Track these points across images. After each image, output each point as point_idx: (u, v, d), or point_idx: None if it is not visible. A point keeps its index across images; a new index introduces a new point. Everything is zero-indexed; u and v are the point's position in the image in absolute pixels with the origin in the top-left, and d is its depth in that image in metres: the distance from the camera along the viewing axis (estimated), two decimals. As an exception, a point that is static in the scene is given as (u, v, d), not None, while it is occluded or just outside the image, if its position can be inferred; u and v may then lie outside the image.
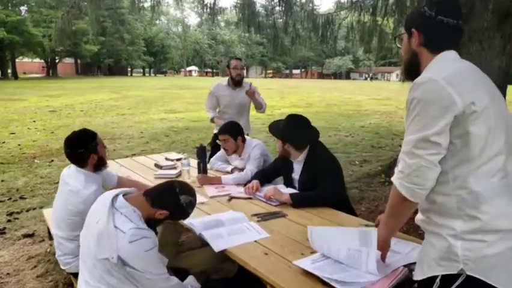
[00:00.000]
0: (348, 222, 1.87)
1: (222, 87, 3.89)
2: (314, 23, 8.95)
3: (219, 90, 3.87)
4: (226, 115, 3.81)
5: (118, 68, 55.77)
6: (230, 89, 3.84)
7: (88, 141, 2.04)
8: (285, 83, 41.40)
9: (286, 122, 2.37)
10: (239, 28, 8.98)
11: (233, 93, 3.82)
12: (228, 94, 3.84)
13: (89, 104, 14.14)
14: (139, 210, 1.52)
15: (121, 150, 6.72)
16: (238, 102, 3.82)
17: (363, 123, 10.35)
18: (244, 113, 3.94)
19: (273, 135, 2.51)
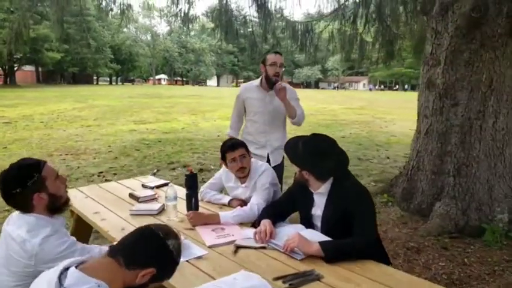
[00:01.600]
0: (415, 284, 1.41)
1: (252, 89, 3.03)
2: (293, 31, 8.58)
3: (248, 92, 3.03)
4: (255, 126, 2.99)
5: (83, 76, 53.70)
6: (263, 92, 2.96)
7: (27, 177, 1.44)
8: (256, 92, 41.11)
9: (308, 144, 1.81)
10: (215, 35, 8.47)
11: (266, 97, 2.94)
12: (259, 97, 2.96)
13: (50, 115, 13.11)
14: (108, 282, 0.97)
15: (86, 168, 6.00)
16: (272, 108, 2.94)
17: (343, 134, 10.02)
18: (280, 125, 3.05)
19: (290, 160, 1.91)
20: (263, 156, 2.99)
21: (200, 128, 10.87)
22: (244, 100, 3.06)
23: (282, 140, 3.04)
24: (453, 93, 3.36)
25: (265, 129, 2.99)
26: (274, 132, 3.01)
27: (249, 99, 3.03)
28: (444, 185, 3.43)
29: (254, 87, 3.04)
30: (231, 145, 2.35)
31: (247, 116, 3.09)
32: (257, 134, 3.00)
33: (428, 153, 3.57)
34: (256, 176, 2.34)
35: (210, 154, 7.18)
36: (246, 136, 3.06)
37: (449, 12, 3.31)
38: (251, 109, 3.03)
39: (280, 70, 2.89)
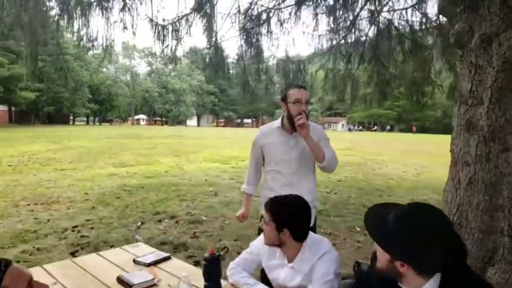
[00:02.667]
0: None
1: (271, 132, 2.48)
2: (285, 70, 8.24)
3: (267, 137, 2.48)
4: (279, 177, 2.43)
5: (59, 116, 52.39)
6: (285, 135, 2.42)
7: None
8: (238, 132, 40.75)
9: (409, 220, 1.21)
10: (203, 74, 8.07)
11: (290, 141, 2.41)
12: (281, 142, 2.43)
13: (20, 157, 12.13)
14: None
15: (58, 221, 5.19)
16: (298, 154, 2.40)
17: (339, 177, 9.50)
18: (310, 173, 2.49)
19: (372, 237, 1.29)
20: None
21: (185, 171, 10.15)
22: (263, 147, 2.52)
23: (313, 193, 2.50)
24: (502, 136, 2.86)
25: (292, 180, 2.41)
26: (303, 184, 2.43)
27: (269, 145, 2.49)
28: (498, 246, 2.85)
29: (274, 129, 2.52)
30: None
31: (267, 166, 2.52)
32: (281, 188, 2.39)
33: (473, 207, 3.01)
34: (314, 258, 1.68)
35: (200, 202, 6.47)
36: (267, 192, 2.45)
37: (494, 44, 2.87)
38: (272, 157, 2.48)
39: (306, 108, 2.38)
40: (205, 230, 5.03)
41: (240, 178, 9.05)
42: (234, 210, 5.90)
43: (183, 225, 5.23)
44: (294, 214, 1.70)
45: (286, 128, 2.44)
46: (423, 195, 7.50)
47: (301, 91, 2.41)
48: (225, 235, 4.82)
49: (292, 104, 2.36)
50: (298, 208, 1.73)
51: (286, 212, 1.69)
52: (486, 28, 2.93)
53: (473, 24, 3.05)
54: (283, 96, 2.46)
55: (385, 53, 8.01)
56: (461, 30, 3.13)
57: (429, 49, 7.72)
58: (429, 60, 7.83)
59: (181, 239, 4.64)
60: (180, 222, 5.36)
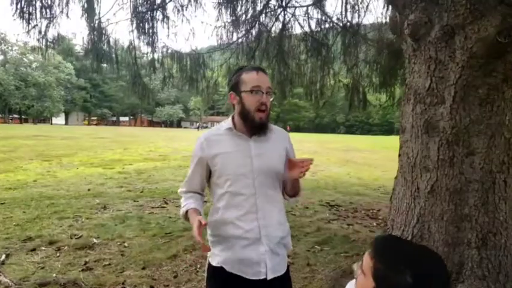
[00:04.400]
0: None
1: (220, 138, 1.70)
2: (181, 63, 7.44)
3: (215, 145, 1.69)
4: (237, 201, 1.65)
5: None
6: (239, 139, 1.69)
7: None
8: (116, 131, 37.70)
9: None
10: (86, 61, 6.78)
11: (250, 147, 1.67)
12: (236, 150, 1.67)
13: None
14: None
15: None
16: (265, 165, 1.67)
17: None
18: (276, 196, 1.74)
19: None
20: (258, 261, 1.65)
21: (60, 179, 8.47)
22: (211, 160, 1.68)
23: (284, 224, 1.77)
24: (467, 139, 2.61)
25: (256, 205, 1.66)
26: (271, 211, 1.70)
27: (220, 156, 1.67)
28: (465, 260, 2.59)
29: (224, 133, 1.71)
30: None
31: (218, 189, 1.70)
32: (242, 218, 1.66)
33: (437, 217, 2.71)
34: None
35: (86, 219, 5.24)
36: (221, 227, 1.70)
37: (458, 37, 2.59)
38: (226, 172, 1.66)
39: (268, 100, 1.65)
40: (99, 257, 3.95)
41: (129, 185, 7.88)
42: (132, 228, 4.88)
43: (68, 253, 4.05)
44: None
45: (240, 129, 1.69)
46: (329, 195, 7.47)
47: (260, 75, 1.65)
48: (128, 263, 3.84)
49: (249, 93, 1.63)
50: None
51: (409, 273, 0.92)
52: (449, 19, 2.63)
53: (432, 14, 2.75)
54: (233, 83, 1.69)
55: (288, 51, 7.78)
56: (418, 20, 2.80)
57: (330, 49, 7.71)
58: (329, 60, 7.83)
59: (69, 275, 3.52)
60: (63, 249, 4.16)
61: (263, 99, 1.63)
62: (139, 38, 6.70)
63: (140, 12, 6.60)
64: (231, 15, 7.14)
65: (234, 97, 1.69)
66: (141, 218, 5.33)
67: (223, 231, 1.69)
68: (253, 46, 7.60)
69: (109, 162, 11.76)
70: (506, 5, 2.46)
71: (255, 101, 1.63)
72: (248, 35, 7.61)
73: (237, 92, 1.68)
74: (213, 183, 1.73)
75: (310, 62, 7.99)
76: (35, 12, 5.61)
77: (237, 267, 1.66)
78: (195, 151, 1.75)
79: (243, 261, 1.65)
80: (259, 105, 1.62)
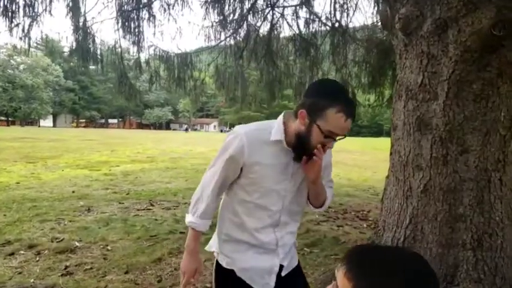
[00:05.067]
0: None
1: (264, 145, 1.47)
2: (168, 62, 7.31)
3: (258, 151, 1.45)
4: (261, 215, 1.51)
5: None
6: (285, 155, 1.48)
7: None
8: (104, 133, 37.25)
9: None
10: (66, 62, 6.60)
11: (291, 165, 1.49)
12: (277, 164, 1.47)
13: None
14: None
15: None
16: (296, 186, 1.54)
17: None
18: (300, 214, 1.66)
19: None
20: (269, 272, 1.55)
21: (44, 181, 8.23)
22: (249, 165, 1.47)
23: (295, 234, 1.67)
24: (461, 136, 2.52)
25: (280, 220, 1.55)
26: (290, 225, 1.60)
27: (259, 165, 1.46)
28: (460, 262, 2.50)
29: (270, 143, 1.47)
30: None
31: (245, 194, 1.53)
32: (261, 230, 1.53)
33: (430, 218, 2.62)
34: None
35: (69, 222, 5.06)
36: (235, 233, 1.57)
37: (451, 30, 2.50)
38: (261, 184, 1.49)
39: (333, 145, 1.46)
40: (81, 261, 3.79)
41: (115, 187, 7.68)
42: (116, 231, 4.72)
43: (48, 257, 3.88)
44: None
45: (288, 143, 1.47)
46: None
47: (348, 123, 1.38)
48: (111, 267, 3.67)
49: (322, 133, 1.38)
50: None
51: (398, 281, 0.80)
52: (442, 12, 2.54)
53: (424, 8, 2.66)
54: (315, 106, 1.38)
55: (277, 51, 7.69)
56: (409, 14, 2.71)
57: (319, 49, 7.64)
58: (318, 60, 7.75)
59: (47, 280, 3.35)
60: (43, 253, 3.98)
61: (329, 145, 1.44)
62: (125, 37, 6.56)
63: (126, 11, 6.46)
64: (219, 14, 7.03)
65: (304, 118, 1.40)
66: (126, 221, 5.16)
67: (238, 235, 1.57)
68: (242, 46, 7.49)
69: (95, 164, 11.52)
70: (500, -3, 2.38)
71: (320, 141, 1.40)
72: (236, 34, 7.50)
73: (311, 117, 1.38)
74: (239, 186, 1.54)
75: (299, 63, 7.91)
76: (18, 10, 5.44)
77: (247, 274, 1.55)
78: (233, 150, 1.47)
79: (254, 269, 1.55)
80: (322, 146, 1.42)
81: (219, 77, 7.74)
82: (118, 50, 6.67)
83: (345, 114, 1.35)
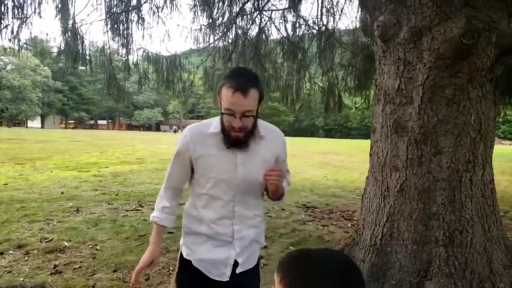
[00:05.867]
0: None
1: (207, 138, 1.58)
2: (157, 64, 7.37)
3: (201, 144, 1.57)
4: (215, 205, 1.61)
5: None
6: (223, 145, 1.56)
7: None
8: (93, 134, 37.00)
9: None
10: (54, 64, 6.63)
11: (232, 155, 1.56)
12: (221, 155, 1.57)
13: None
14: None
15: None
16: (244, 175, 1.59)
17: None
18: (258, 202, 1.71)
19: None
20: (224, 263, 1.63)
21: (33, 182, 8.23)
22: (196, 158, 1.58)
23: (260, 228, 1.73)
24: (434, 138, 2.66)
25: (234, 211, 1.62)
26: (248, 216, 1.67)
27: (205, 157, 1.57)
28: (433, 258, 2.63)
29: (210, 135, 1.58)
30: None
31: (198, 187, 1.64)
32: (216, 221, 1.62)
33: (406, 216, 2.75)
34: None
35: (58, 222, 5.10)
36: (194, 226, 1.67)
37: (425, 38, 2.64)
38: (209, 175, 1.59)
39: (243, 122, 1.48)
40: (70, 260, 3.84)
41: (104, 189, 7.72)
42: (105, 231, 4.78)
43: (37, 256, 3.92)
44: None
45: (223, 138, 1.57)
46: (305, 197, 7.50)
47: (236, 97, 1.43)
48: (99, 266, 3.74)
49: (224, 110, 1.48)
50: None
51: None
52: (416, 21, 2.69)
53: (401, 16, 2.80)
54: (218, 90, 1.54)
55: (265, 54, 7.80)
56: (387, 22, 2.84)
57: (306, 52, 7.77)
58: (305, 63, 7.88)
59: (37, 278, 3.41)
60: (32, 252, 4.02)
61: (235, 123, 1.47)
62: (114, 39, 6.61)
63: (115, 13, 6.51)
64: (207, 17, 7.12)
65: (219, 102, 1.52)
66: (115, 221, 5.22)
67: (197, 228, 1.66)
68: (230, 49, 7.59)
69: (84, 166, 11.51)
70: (470, 7, 2.53)
71: (227, 121, 1.50)
72: (225, 37, 7.60)
73: (220, 103, 1.52)
74: (195, 180, 1.67)
75: (287, 65, 8.04)
76: (6, 12, 5.46)
77: (203, 265, 1.64)
78: (179, 147, 1.61)
79: (210, 260, 1.64)
80: (231, 127, 1.50)
81: (208, 79, 7.83)
82: (107, 52, 6.73)
83: (233, 88, 1.42)
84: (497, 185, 9.42)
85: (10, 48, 5.97)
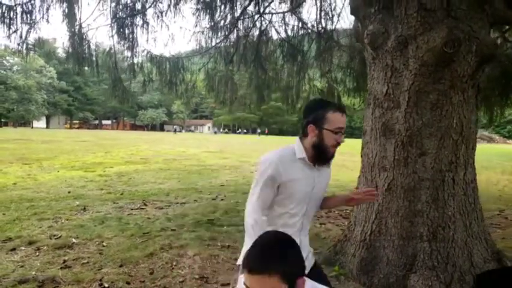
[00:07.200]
0: None
1: (292, 164, 1.80)
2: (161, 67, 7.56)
3: (289, 171, 1.78)
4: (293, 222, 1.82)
5: None
6: (309, 168, 1.81)
7: None
8: (98, 134, 37.33)
9: None
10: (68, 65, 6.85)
11: (314, 177, 1.82)
12: (304, 177, 1.80)
13: None
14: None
15: None
16: (319, 194, 1.90)
17: (220, 181, 9.15)
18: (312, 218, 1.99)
19: None
20: None
21: (40, 182, 8.48)
22: (284, 184, 1.76)
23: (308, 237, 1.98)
24: (419, 140, 2.84)
25: (303, 224, 1.85)
26: (307, 228, 1.92)
27: (292, 182, 1.77)
28: (418, 252, 2.82)
29: (296, 161, 1.80)
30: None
31: (281, 207, 1.82)
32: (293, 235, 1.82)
33: (393, 213, 2.94)
34: None
35: (66, 220, 5.32)
36: None
37: (411, 46, 2.83)
38: (294, 197, 1.79)
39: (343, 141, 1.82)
40: (78, 256, 4.05)
41: (110, 188, 7.94)
42: (111, 228, 4.99)
43: (47, 252, 4.14)
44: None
45: (309, 158, 1.81)
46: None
47: (344, 117, 1.78)
48: (106, 261, 3.95)
49: (332, 133, 1.74)
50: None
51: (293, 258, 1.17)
52: (403, 30, 2.87)
53: (389, 25, 2.98)
54: (316, 118, 1.77)
55: (266, 56, 7.98)
56: (376, 31, 3.03)
57: (305, 54, 7.94)
58: (305, 65, 8.05)
59: (48, 272, 3.61)
60: (43, 248, 4.24)
61: (341, 139, 1.78)
62: (120, 43, 6.82)
63: (120, 18, 6.72)
64: (210, 21, 7.31)
65: (313, 130, 1.76)
66: (120, 219, 5.43)
67: None
68: (232, 51, 7.79)
69: (90, 165, 11.75)
70: (452, 18, 2.71)
71: (334, 139, 1.75)
72: (226, 40, 7.79)
73: (318, 127, 1.75)
74: (276, 202, 1.82)
75: (287, 67, 8.21)
76: (15, 18, 5.66)
77: None
78: (270, 172, 1.74)
79: None
80: (336, 144, 1.77)
81: (209, 80, 8.03)
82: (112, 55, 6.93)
83: (340, 111, 1.77)
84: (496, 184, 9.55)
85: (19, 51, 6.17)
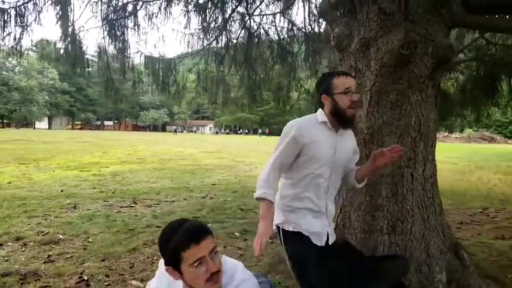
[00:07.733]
0: None
1: (315, 128, 1.99)
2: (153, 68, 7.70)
3: (312, 133, 1.96)
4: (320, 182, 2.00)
5: None
6: (330, 132, 2.01)
7: None
8: (99, 135, 37.56)
9: None
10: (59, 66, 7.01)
11: (336, 140, 2.03)
12: (329, 141, 1.99)
13: None
14: None
15: None
16: (343, 157, 2.07)
17: (213, 180, 9.29)
18: (338, 185, 2.17)
19: None
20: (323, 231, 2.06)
21: (34, 181, 8.65)
22: (307, 145, 1.95)
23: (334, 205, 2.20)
24: (380, 138, 2.97)
25: (328, 187, 2.05)
26: (333, 193, 2.13)
27: (314, 143, 1.95)
28: (378, 245, 2.94)
29: (318, 125, 2.00)
30: (190, 233, 1.26)
31: (304, 169, 2.00)
32: (322, 197, 2.05)
33: (356, 208, 3.07)
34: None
35: (55, 218, 5.48)
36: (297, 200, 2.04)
37: (372, 48, 2.96)
38: (316, 158, 1.97)
39: (357, 97, 2.01)
40: (62, 251, 4.21)
41: (102, 187, 8.10)
42: (98, 225, 5.14)
43: (33, 247, 4.29)
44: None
45: (333, 124, 2.01)
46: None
47: (349, 78, 1.99)
48: (89, 255, 4.10)
49: (341, 94, 1.94)
50: None
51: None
52: (365, 33, 3.01)
53: (353, 28, 3.12)
54: (325, 87, 2.01)
55: (255, 57, 8.11)
56: (341, 33, 3.17)
57: (295, 55, 8.07)
58: (294, 66, 8.18)
59: (31, 266, 3.76)
60: (29, 244, 4.40)
61: (353, 97, 1.95)
62: (111, 45, 6.96)
63: (112, 20, 6.86)
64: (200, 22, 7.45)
65: (326, 98, 2.00)
66: (108, 216, 5.58)
67: (298, 204, 2.02)
68: (222, 53, 7.93)
69: (86, 165, 11.92)
70: (409, 21, 2.84)
71: (347, 100, 1.94)
72: (217, 41, 7.93)
73: (329, 94, 1.98)
74: (297, 164, 2.00)
75: (277, 69, 8.35)
76: (9, 20, 5.82)
77: (311, 233, 2.01)
78: (293, 134, 1.94)
79: (314, 229, 2.00)
80: (351, 103, 1.95)
81: (201, 81, 8.18)
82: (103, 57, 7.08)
83: (344, 75, 2.01)
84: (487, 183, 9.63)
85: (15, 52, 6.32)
